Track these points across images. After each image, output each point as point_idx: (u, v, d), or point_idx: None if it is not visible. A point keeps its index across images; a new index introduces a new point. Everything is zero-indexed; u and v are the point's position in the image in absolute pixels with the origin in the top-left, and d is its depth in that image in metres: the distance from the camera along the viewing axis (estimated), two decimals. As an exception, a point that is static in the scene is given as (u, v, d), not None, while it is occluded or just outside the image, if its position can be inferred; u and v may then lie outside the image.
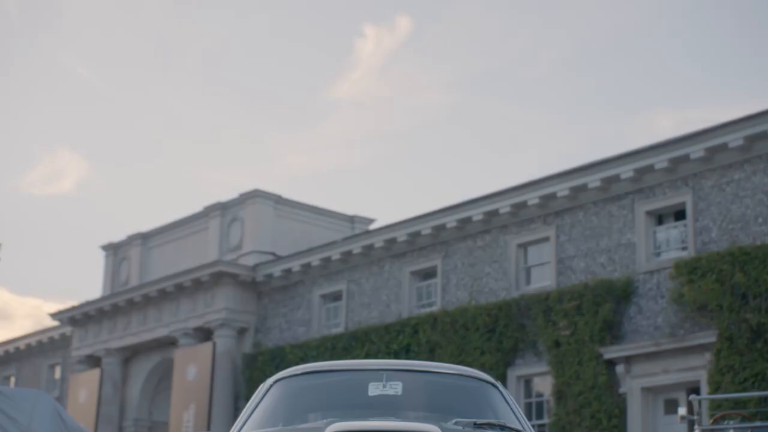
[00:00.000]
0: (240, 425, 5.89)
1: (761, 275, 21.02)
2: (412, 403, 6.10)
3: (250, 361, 32.37)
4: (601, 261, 24.50)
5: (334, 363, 6.60)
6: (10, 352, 45.26)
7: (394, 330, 28.24)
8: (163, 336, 35.19)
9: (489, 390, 6.33)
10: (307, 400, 6.26)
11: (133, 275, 38.52)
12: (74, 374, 39.13)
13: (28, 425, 13.81)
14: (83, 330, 38.81)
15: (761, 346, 20.85)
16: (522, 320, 25.36)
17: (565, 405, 23.93)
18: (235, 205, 35.15)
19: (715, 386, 21.20)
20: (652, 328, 23.14)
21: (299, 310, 32.32)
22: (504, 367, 25.38)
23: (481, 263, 27.21)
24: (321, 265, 31.55)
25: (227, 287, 33.22)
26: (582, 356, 23.83)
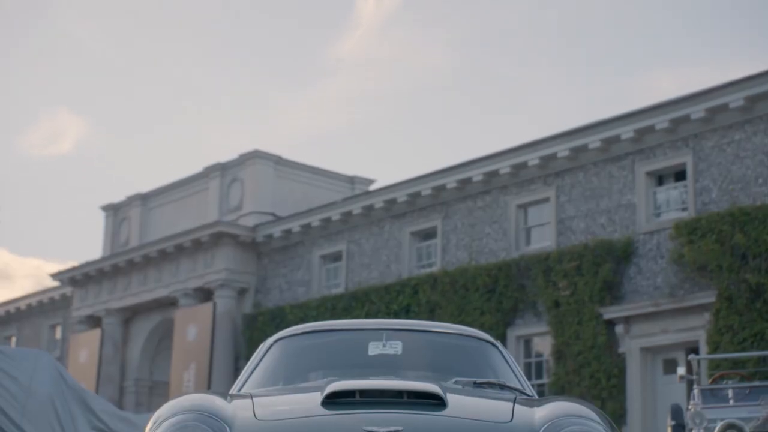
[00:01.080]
0: (240, 384, 5.91)
1: (761, 235, 21.03)
2: (412, 363, 6.11)
3: (250, 321, 32.45)
4: (601, 221, 24.50)
5: (334, 323, 6.62)
6: (10, 313, 45.37)
7: (394, 290, 28.28)
8: (163, 296, 35.25)
9: (489, 349, 6.34)
10: (307, 359, 6.27)
11: (133, 236, 38.54)
12: (75, 334, 39.23)
13: (29, 384, 13.86)
14: (83, 290, 38.88)
15: (760, 306, 20.89)
16: (522, 280, 25.39)
17: (564, 365, 24.00)
18: (235, 166, 35.12)
19: (714, 346, 21.26)
20: (651, 288, 23.18)
21: (299, 270, 32.35)
22: (504, 327, 25.45)
23: (481, 224, 27.21)
24: (321, 226, 31.56)
25: (227, 248, 33.24)
26: (581, 316, 23.89)
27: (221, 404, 4.48)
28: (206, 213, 35.35)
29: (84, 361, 37.49)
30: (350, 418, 4.28)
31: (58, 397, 14.10)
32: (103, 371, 36.83)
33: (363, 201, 30.48)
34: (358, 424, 4.19)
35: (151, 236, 37.44)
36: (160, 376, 36.83)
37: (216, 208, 35.13)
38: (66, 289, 41.26)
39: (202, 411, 4.34)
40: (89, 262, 38.22)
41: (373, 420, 4.21)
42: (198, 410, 4.35)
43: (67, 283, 39.75)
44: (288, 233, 32.56)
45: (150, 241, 36.54)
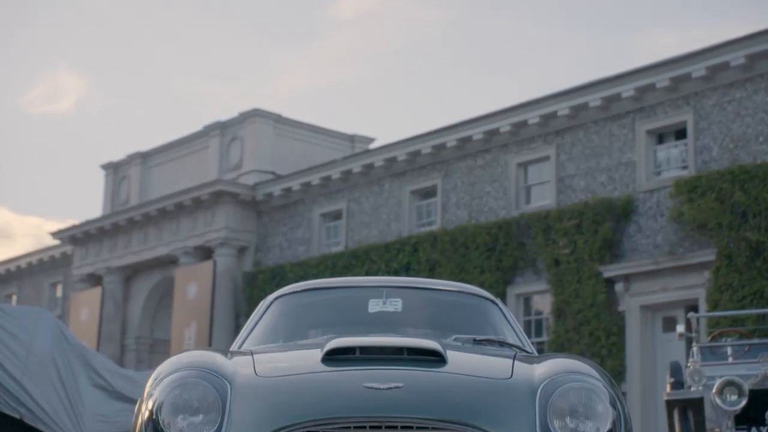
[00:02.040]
0: (240, 342, 5.92)
1: (761, 194, 21.02)
2: (412, 320, 6.12)
3: (250, 279, 32.51)
4: (601, 180, 24.49)
5: (334, 280, 6.63)
6: (11, 271, 45.44)
7: (394, 249, 28.32)
8: (164, 255, 35.30)
9: (488, 307, 6.35)
10: (307, 316, 6.28)
11: (133, 194, 38.54)
12: (75, 293, 39.31)
13: (30, 342, 13.90)
14: (84, 249, 38.92)
15: (760, 264, 20.91)
16: (522, 239, 25.41)
17: (564, 323, 24.07)
18: (235, 125, 35.06)
19: (714, 304, 21.30)
20: (651, 246, 23.20)
21: (299, 228, 32.37)
22: (503, 285, 25.50)
23: (481, 182, 27.20)
24: (321, 184, 31.54)
25: (227, 206, 33.25)
26: (581, 274, 23.93)
27: (222, 361, 4.49)
28: (206, 171, 35.33)
29: (85, 320, 37.59)
30: (350, 375, 4.30)
31: (59, 355, 14.15)
32: (104, 329, 36.94)
33: (363, 159, 30.46)
34: (358, 380, 4.20)
35: (151, 195, 37.45)
36: (161, 334, 36.94)
37: (216, 167, 35.11)
38: (66, 248, 41.30)
39: (202, 367, 4.35)
40: (89, 220, 38.24)
41: (373, 376, 4.22)
42: (198, 367, 4.36)
43: (68, 241, 39.79)
44: (288, 192, 32.56)
45: (150, 199, 36.55)
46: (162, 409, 4.19)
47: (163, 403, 4.20)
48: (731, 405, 11.25)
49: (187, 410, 4.18)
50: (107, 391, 14.72)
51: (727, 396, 11.30)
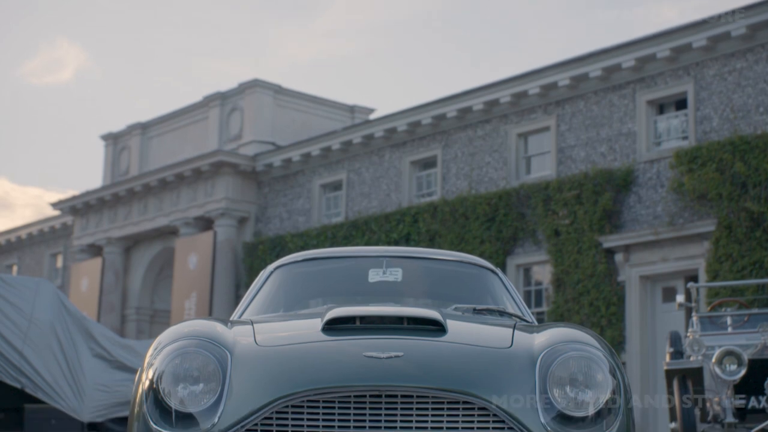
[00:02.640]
0: (241, 311, 5.93)
1: (761, 164, 21.01)
2: (412, 290, 6.13)
3: (250, 250, 32.53)
4: (601, 150, 24.46)
5: (334, 250, 6.64)
6: (11, 242, 45.48)
7: (394, 219, 28.32)
8: (164, 225, 35.31)
9: (488, 276, 6.36)
10: (308, 286, 6.30)
11: (134, 165, 38.51)
12: (76, 263, 39.35)
13: (31, 312, 13.93)
14: (84, 219, 38.94)
15: (760, 234, 20.92)
16: (522, 209, 25.42)
17: (563, 293, 24.10)
18: (235, 95, 35.00)
19: (713, 274, 21.33)
20: (651, 217, 23.20)
21: (299, 199, 32.37)
22: (503, 255, 25.52)
23: (482, 153, 27.18)
24: (321, 155, 31.52)
25: (227, 177, 33.24)
26: (581, 245, 23.94)
27: (222, 330, 4.50)
28: (206, 142, 35.30)
29: (85, 290, 37.66)
30: (350, 344, 4.31)
31: (59, 325, 14.19)
32: (105, 300, 37.00)
33: (363, 130, 30.42)
34: (358, 349, 4.21)
35: (151, 165, 37.43)
36: (162, 305, 37.02)
37: (216, 138, 35.07)
38: (66, 218, 41.33)
39: (202, 337, 4.36)
40: (89, 191, 38.24)
41: (373, 346, 4.23)
42: (199, 336, 4.37)
43: (68, 212, 39.80)
44: (288, 162, 32.54)
45: (150, 170, 36.53)
46: (162, 378, 4.20)
47: (163, 373, 4.21)
48: (730, 375, 11.28)
49: (188, 379, 4.19)
50: (108, 360, 14.78)
51: (726, 366, 11.33)
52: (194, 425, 4.09)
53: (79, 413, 14.24)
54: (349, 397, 4.05)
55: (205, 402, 4.13)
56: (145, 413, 4.19)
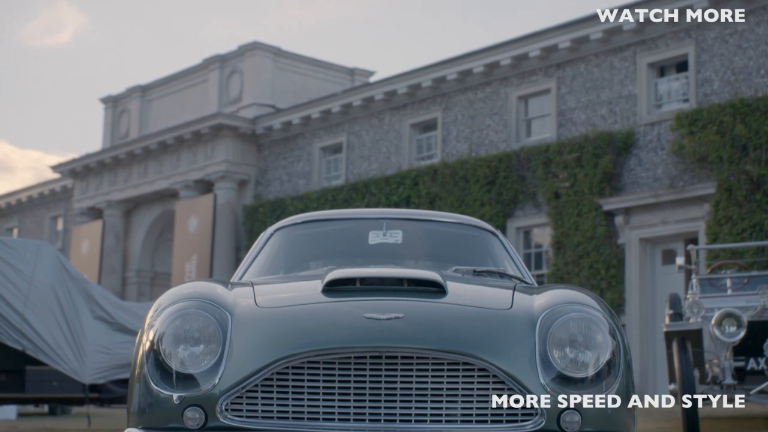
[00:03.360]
0: (241, 273, 5.93)
1: (762, 127, 20.97)
2: (412, 252, 6.13)
3: (250, 212, 32.55)
4: (601, 113, 24.42)
5: (335, 212, 6.63)
6: (11, 205, 45.49)
7: (394, 182, 28.31)
8: (164, 188, 35.31)
9: (488, 238, 6.36)
10: (308, 248, 6.30)
11: (133, 128, 38.47)
12: (76, 226, 39.38)
13: (32, 275, 13.95)
14: (84, 182, 38.93)
15: (760, 197, 20.92)
16: (522, 172, 25.40)
17: (563, 255, 24.13)
18: (234, 58, 34.90)
19: (713, 237, 21.34)
20: (651, 179, 23.19)
21: (299, 162, 32.35)
22: (503, 218, 25.53)
23: (482, 115, 27.13)
24: (321, 118, 31.47)
25: (227, 140, 33.20)
26: (581, 207, 23.95)
27: (222, 292, 4.50)
28: (206, 105, 35.24)
29: (86, 253, 37.71)
30: (350, 306, 4.32)
31: (60, 287, 14.21)
32: (105, 262, 37.06)
33: (363, 93, 30.36)
34: (358, 311, 4.22)
35: (150, 128, 37.39)
36: (162, 267, 37.08)
37: (216, 100, 35.01)
38: (67, 181, 41.33)
39: (203, 298, 4.36)
40: (89, 154, 38.21)
41: (373, 307, 4.24)
42: (199, 297, 4.37)
43: (68, 175, 39.79)
44: (288, 125, 32.49)
45: (150, 133, 36.48)
46: (163, 339, 4.21)
47: (164, 334, 4.22)
48: (730, 336, 11.29)
49: (188, 341, 4.20)
50: (108, 322, 14.81)
51: (725, 327, 11.34)
52: (195, 386, 4.10)
53: (80, 375, 14.30)
54: (350, 359, 4.06)
55: (205, 363, 4.14)
56: (146, 374, 4.21)
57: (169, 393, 4.12)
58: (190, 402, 4.09)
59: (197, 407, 4.08)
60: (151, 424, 4.15)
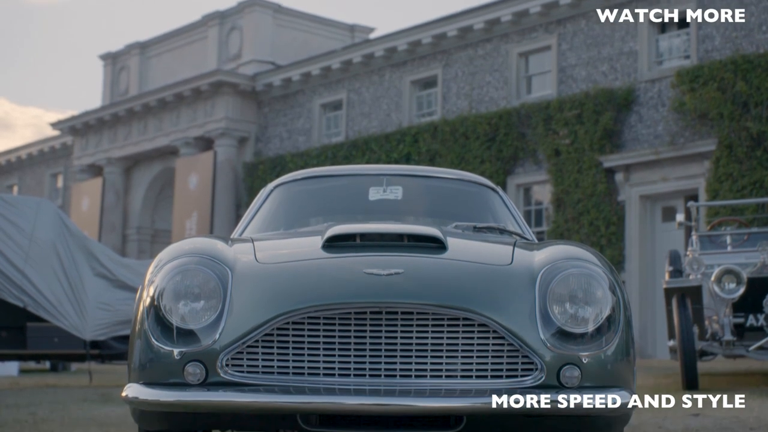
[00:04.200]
0: (241, 229, 5.93)
1: (763, 83, 20.92)
2: (412, 208, 6.13)
3: (251, 169, 32.54)
4: (602, 70, 24.35)
5: (335, 168, 6.62)
6: (11, 162, 45.48)
7: (394, 139, 28.29)
8: (164, 145, 35.27)
9: (489, 194, 6.36)
10: (308, 204, 6.30)
11: (133, 85, 38.37)
12: (76, 183, 39.39)
13: (32, 232, 13.97)
14: (84, 139, 38.89)
15: (760, 154, 20.90)
16: (522, 129, 25.37)
17: (563, 213, 24.14)
18: (234, 14, 34.76)
19: (713, 194, 21.34)
20: (652, 136, 23.16)
21: (299, 119, 32.29)
22: (504, 175, 25.52)
23: (482, 72, 27.06)
24: (321, 75, 31.39)
25: (227, 96, 33.13)
26: (581, 164, 23.93)
27: (222, 248, 4.50)
28: (205, 62, 35.13)
29: (86, 210, 37.73)
30: (350, 261, 4.32)
31: (60, 244, 14.23)
32: (105, 219, 37.09)
33: (363, 49, 30.26)
34: (358, 266, 4.22)
35: (150, 85, 37.30)
36: (163, 225, 37.11)
37: (215, 57, 34.89)
38: (66, 138, 41.30)
39: (203, 254, 4.36)
40: (89, 111, 38.14)
41: (374, 263, 4.24)
42: (199, 253, 4.37)
43: (68, 132, 39.76)
44: (288, 82, 32.41)
45: (149, 90, 36.40)
46: (163, 295, 4.21)
47: (164, 290, 4.22)
48: (729, 293, 11.33)
49: (188, 296, 4.20)
50: (109, 279, 14.84)
51: (725, 284, 11.37)
52: (195, 342, 4.11)
53: (81, 331, 14.35)
54: (350, 314, 4.06)
55: (206, 319, 4.15)
56: (146, 330, 4.21)
57: (170, 348, 4.13)
58: (190, 357, 4.10)
59: (198, 362, 4.09)
60: (152, 380, 4.16)
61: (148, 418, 4.27)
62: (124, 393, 4.21)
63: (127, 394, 4.18)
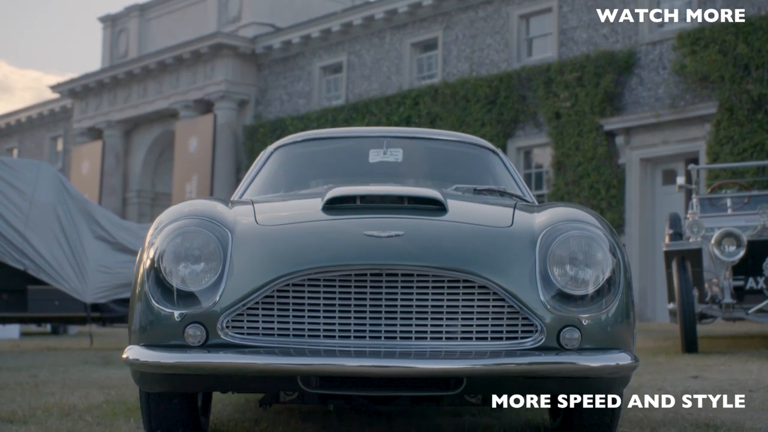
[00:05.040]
0: (241, 192, 5.93)
1: (764, 46, 20.85)
2: (413, 170, 6.12)
3: (251, 132, 32.49)
4: (603, 32, 24.25)
5: (335, 130, 6.60)
6: (11, 125, 45.40)
7: (395, 102, 28.23)
8: (164, 108, 35.21)
9: (489, 156, 6.35)
10: (308, 166, 6.29)
11: (132, 47, 38.25)
12: (76, 146, 39.35)
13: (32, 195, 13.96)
14: (84, 102, 38.82)
15: (761, 117, 20.86)
16: (523, 92, 25.30)
17: (564, 176, 24.12)
18: (233, -24, 34.60)
19: (714, 157, 21.32)
20: (652, 99, 23.10)
21: (299, 82, 32.21)
22: (504, 138, 25.48)
23: (483, 35, 26.96)
24: (321, 37, 31.28)
25: (227, 59, 33.03)
26: (582, 127, 23.89)
27: (222, 210, 4.50)
28: (205, 24, 34.99)
29: (86, 173, 37.72)
30: (351, 223, 4.31)
31: (61, 207, 14.24)
32: (105, 183, 37.08)
33: (363, 11, 30.13)
34: (358, 228, 4.22)
35: (150, 48, 37.17)
36: (163, 188, 37.11)
37: (215, 19, 34.75)
38: (66, 101, 41.22)
39: (203, 216, 4.35)
40: (89, 73, 38.04)
41: (374, 225, 4.23)
42: (199, 215, 4.36)
43: (67, 95, 39.67)
44: (288, 44, 32.30)
45: (149, 52, 36.29)
46: (163, 257, 4.21)
47: (164, 252, 4.22)
48: (729, 256, 11.34)
49: (189, 258, 4.20)
50: (109, 242, 14.85)
51: (725, 247, 11.38)
52: (196, 304, 4.11)
53: (81, 294, 14.37)
54: (350, 276, 4.06)
55: (206, 281, 4.15)
56: (146, 292, 4.21)
57: (170, 311, 4.13)
58: (191, 319, 4.10)
59: (198, 324, 4.10)
60: (152, 342, 4.17)
61: (149, 379, 4.28)
62: (125, 355, 4.22)
63: (128, 356, 4.19)
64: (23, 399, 6.78)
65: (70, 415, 5.82)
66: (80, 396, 6.97)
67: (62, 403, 6.41)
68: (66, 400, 6.66)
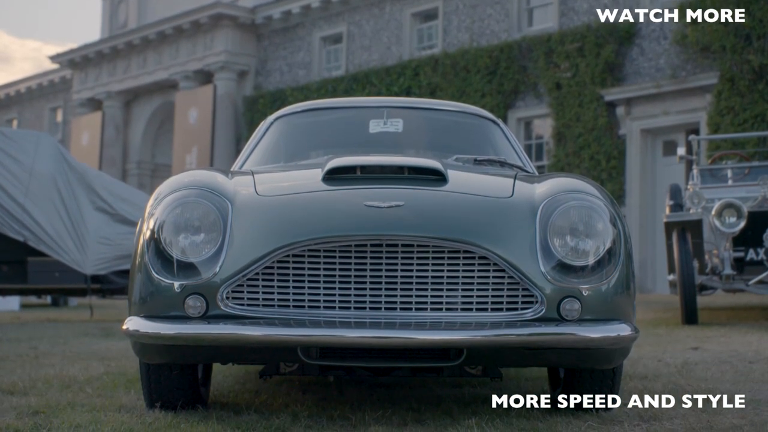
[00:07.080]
0: (241, 162, 5.92)
1: (765, 16, 20.76)
2: (413, 140, 6.11)
3: (251, 103, 32.43)
4: (604, 2, 24.16)
5: (335, 100, 6.58)
6: (10, 96, 45.32)
7: (395, 72, 28.16)
8: (164, 79, 35.12)
9: (490, 127, 6.34)
10: (308, 137, 6.28)
11: (132, 17, 38.13)
12: (76, 117, 39.29)
13: (32, 165, 13.95)
14: (83, 73, 38.73)
15: (762, 87, 20.80)
16: (523, 62, 25.23)
17: (564, 147, 24.09)
18: (233, -55, 34.45)
19: (715, 128, 21.28)
20: (653, 69, 23.04)
21: (299, 52, 32.12)
22: (504, 109, 25.44)
23: (483, 5, 26.86)
24: (321, 7, 31.16)
25: (226, 29, 32.92)
26: (583, 98, 23.83)
27: (222, 180, 4.49)
28: (204, -6, 34.88)
29: (86, 144, 37.68)
30: (351, 194, 4.30)
31: (60, 178, 14.22)
32: (105, 154, 37.05)
33: (363, -19, 30.04)
34: (358, 198, 4.21)
35: (149, 18, 37.05)
36: (163, 159, 37.07)
37: (214, -11, 34.63)
38: (66, 72, 41.12)
39: (203, 186, 4.34)
40: (88, 44, 37.93)
41: (374, 195, 4.22)
42: (199, 186, 4.36)
43: (67, 65, 39.58)
44: (288, 14, 32.19)
45: (148, 23, 36.17)
46: (163, 228, 4.20)
47: (164, 223, 4.21)
48: (730, 227, 11.34)
49: (189, 229, 4.19)
50: (109, 214, 14.83)
51: (725, 218, 11.38)
52: (196, 275, 4.11)
53: (81, 266, 14.37)
54: (350, 247, 4.06)
55: (206, 252, 4.15)
56: (146, 263, 4.21)
57: (170, 281, 4.13)
58: (191, 290, 4.10)
59: (198, 295, 4.10)
60: (152, 313, 4.17)
61: (149, 351, 4.28)
62: (125, 326, 4.22)
63: (128, 328, 4.19)
64: (23, 371, 6.78)
65: (71, 386, 5.83)
66: (80, 368, 6.98)
67: (62, 375, 6.42)
68: (66, 371, 6.67)
